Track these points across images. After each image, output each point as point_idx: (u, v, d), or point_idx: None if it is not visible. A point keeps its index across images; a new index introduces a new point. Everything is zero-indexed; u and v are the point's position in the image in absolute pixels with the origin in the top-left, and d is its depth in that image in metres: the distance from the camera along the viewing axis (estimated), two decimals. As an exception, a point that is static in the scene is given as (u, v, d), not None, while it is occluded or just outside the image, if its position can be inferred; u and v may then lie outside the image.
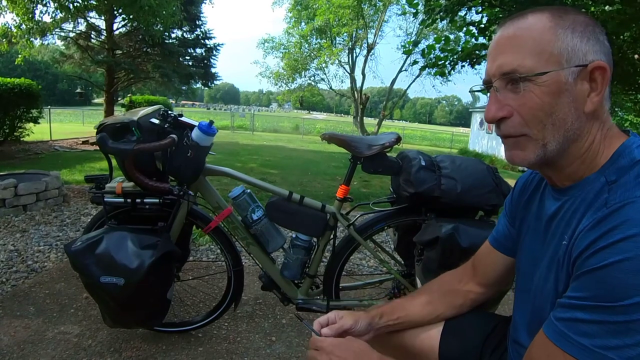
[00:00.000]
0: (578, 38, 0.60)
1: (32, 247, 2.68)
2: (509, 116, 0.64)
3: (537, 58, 0.60)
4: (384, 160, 1.53)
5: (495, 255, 0.89)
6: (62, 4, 6.65)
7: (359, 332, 0.88)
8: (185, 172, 1.48)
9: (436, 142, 23.98)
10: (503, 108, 0.64)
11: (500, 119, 0.65)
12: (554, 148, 0.63)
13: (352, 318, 0.88)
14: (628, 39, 4.00)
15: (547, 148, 0.63)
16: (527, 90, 0.61)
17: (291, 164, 8.08)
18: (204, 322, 1.78)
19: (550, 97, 0.60)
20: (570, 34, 0.60)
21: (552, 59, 0.60)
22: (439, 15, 4.32)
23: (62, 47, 10.79)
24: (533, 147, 0.64)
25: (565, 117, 0.61)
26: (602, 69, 0.59)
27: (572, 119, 0.61)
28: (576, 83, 0.60)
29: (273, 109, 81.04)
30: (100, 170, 5.60)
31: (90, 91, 36.23)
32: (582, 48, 0.60)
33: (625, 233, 0.51)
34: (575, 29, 0.60)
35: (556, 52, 0.60)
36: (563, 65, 0.60)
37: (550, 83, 0.60)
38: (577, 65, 0.60)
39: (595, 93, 0.60)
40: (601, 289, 0.52)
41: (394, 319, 0.92)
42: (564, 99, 0.60)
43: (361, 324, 0.87)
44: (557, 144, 0.62)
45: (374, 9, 17.36)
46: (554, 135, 0.62)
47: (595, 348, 0.52)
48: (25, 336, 1.71)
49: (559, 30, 0.60)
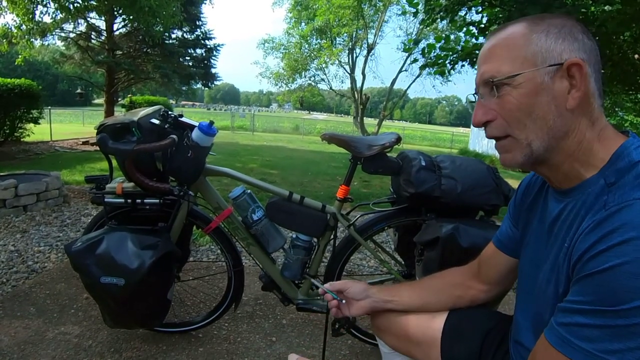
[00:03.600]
0: (552, 39, 0.63)
1: (33, 247, 2.68)
2: (493, 119, 0.68)
3: (512, 63, 0.64)
4: (384, 160, 1.53)
5: (499, 256, 0.90)
6: (63, 4, 6.64)
7: (353, 293, 0.99)
8: (186, 173, 1.48)
9: (436, 142, 23.96)
10: (488, 112, 0.68)
11: (485, 122, 0.69)
12: (540, 146, 0.65)
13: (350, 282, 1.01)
14: (628, 38, 3.99)
15: (532, 147, 0.65)
16: (505, 94, 0.65)
17: (291, 164, 8.08)
18: (204, 322, 1.77)
19: (527, 97, 0.63)
20: (544, 37, 0.63)
21: (526, 62, 0.63)
22: (439, 15, 4.32)
23: (62, 48, 10.79)
24: (519, 147, 0.66)
25: (545, 115, 0.63)
26: (578, 65, 0.61)
27: (554, 116, 0.63)
28: (554, 81, 0.62)
29: (273, 109, 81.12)
30: (100, 170, 5.60)
31: (91, 92, 36.23)
32: (557, 48, 0.62)
33: (623, 236, 0.51)
34: (550, 31, 0.63)
35: (530, 56, 0.63)
36: (538, 66, 0.62)
37: (526, 84, 0.63)
38: (551, 64, 0.62)
39: (575, 89, 0.62)
40: (601, 293, 0.52)
41: (390, 296, 0.99)
42: (542, 97, 0.63)
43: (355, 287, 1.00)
44: (542, 141, 0.64)
45: (374, 9, 17.35)
46: (537, 134, 0.64)
47: (597, 352, 0.52)
48: (26, 336, 1.71)
49: (532, 35, 0.64)
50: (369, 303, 0.99)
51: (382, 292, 1.00)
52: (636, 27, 3.67)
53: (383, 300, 0.99)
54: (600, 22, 3.43)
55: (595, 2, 3.58)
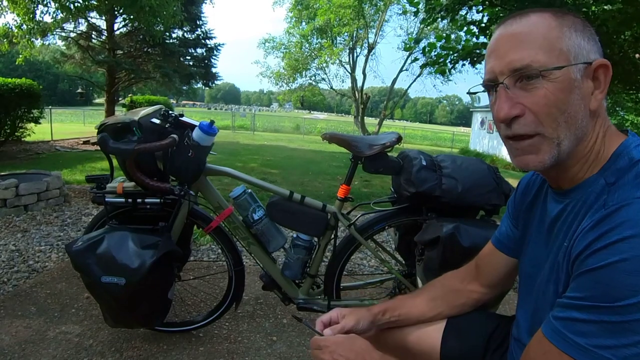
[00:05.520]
0: (580, 37, 0.61)
1: (34, 247, 2.68)
2: (521, 115, 0.62)
3: (549, 54, 0.59)
4: (384, 160, 1.53)
5: (498, 256, 0.89)
6: (63, 4, 6.65)
7: (361, 330, 0.88)
8: (186, 172, 1.48)
9: (437, 142, 23.97)
10: (515, 106, 0.62)
11: (514, 117, 0.62)
12: (567, 147, 0.61)
13: (354, 317, 0.88)
14: (629, 38, 3.99)
15: (561, 147, 0.61)
16: (539, 87, 0.60)
17: (292, 163, 8.08)
18: (205, 321, 1.78)
19: (563, 93, 0.59)
20: (574, 33, 0.61)
21: (562, 56, 0.60)
22: (440, 14, 4.32)
23: (63, 47, 10.81)
24: (548, 147, 0.61)
25: (576, 114, 0.61)
26: (606, 67, 0.60)
27: (582, 116, 0.61)
28: (583, 80, 0.61)
29: (274, 108, 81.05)
30: (101, 170, 5.61)
31: (91, 91, 36.31)
32: (586, 46, 0.61)
33: (622, 234, 0.52)
34: (577, 28, 0.61)
35: (565, 49, 0.60)
36: (571, 62, 0.60)
37: (562, 79, 0.59)
38: (583, 62, 0.60)
39: (599, 90, 0.61)
40: (598, 289, 0.53)
41: (396, 315, 0.92)
42: (575, 95, 0.60)
43: (363, 323, 0.88)
44: (570, 142, 0.61)
45: (374, 8, 17.35)
46: (567, 133, 0.61)
47: (591, 347, 0.53)
48: (27, 336, 1.71)
49: (564, 29, 0.61)
50: (376, 330, 0.92)
51: (388, 312, 0.92)
52: (637, 27, 3.67)
53: (392, 322, 0.93)
54: (601, 22, 3.43)
55: (596, 1, 3.58)
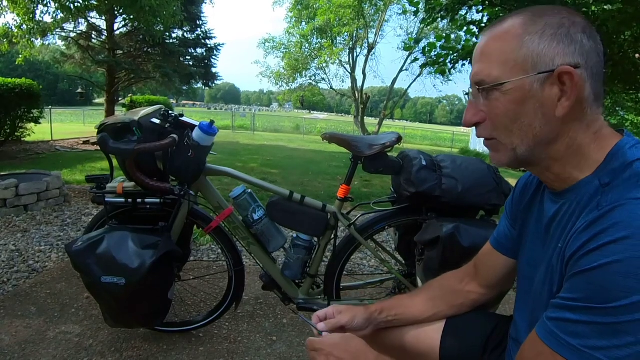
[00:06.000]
0: (546, 42, 0.60)
1: (33, 247, 2.68)
2: (482, 121, 0.68)
3: (502, 67, 0.62)
4: (384, 160, 1.53)
5: (497, 256, 0.89)
6: (63, 4, 6.64)
7: (356, 327, 0.88)
8: (186, 172, 1.48)
9: (437, 142, 23.96)
10: (477, 114, 0.68)
11: (475, 123, 0.69)
12: (524, 151, 0.65)
13: (349, 314, 0.88)
14: (629, 38, 3.99)
15: (517, 152, 0.66)
16: (494, 99, 0.64)
17: (292, 163, 8.08)
18: (205, 321, 1.78)
19: (515, 104, 0.62)
20: (538, 40, 0.60)
21: (516, 67, 0.61)
22: (440, 14, 4.32)
23: (62, 47, 10.80)
24: (504, 150, 0.67)
25: (531, 122, 0.63)
26: (569, 74, 0.58)
27: (540, 123, 0.62)
28: (544, 88, 0.60)
29: (274, 108, 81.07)
30: (101, 170, 5.61)
31: (91, 91, 36.28)
32: (549, 53, 0.59)
33: (614, 236, 0.52)
34: (545, 32, 0.60)
35: (520, 60, 0.61)
36: (528, 72, 0.61)
37: (514, 91, 0.62)
38: (542, 71, 0.60)
39: (565, 98, 0.60)
40: (591, 290, 0.53)
41: (392, 314, 0.93)
42: (529, 105, 0.62)
43: (357, 320, 0.88)
44: (527, 147, 0.65)
45: (374, 8, 17.34)
46: (522, 140, 0.64)
47: (584, 348, 0.53)
48: (27, 336, 1.71)
49: (525, 37, 0.61)
50: (372, 328, 0.92)
51: (385, 311, 0.93)
52: (637, 27, 3.67)
53: (389, 321, 0.93)
54: (601, 22, 3.43)
55: (595, 1, 3.57)
